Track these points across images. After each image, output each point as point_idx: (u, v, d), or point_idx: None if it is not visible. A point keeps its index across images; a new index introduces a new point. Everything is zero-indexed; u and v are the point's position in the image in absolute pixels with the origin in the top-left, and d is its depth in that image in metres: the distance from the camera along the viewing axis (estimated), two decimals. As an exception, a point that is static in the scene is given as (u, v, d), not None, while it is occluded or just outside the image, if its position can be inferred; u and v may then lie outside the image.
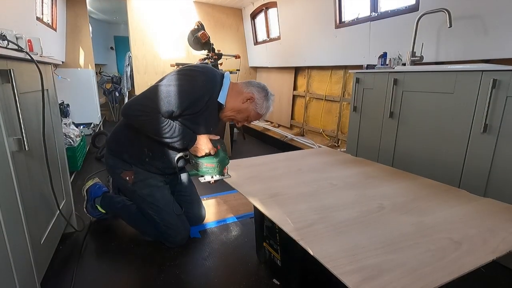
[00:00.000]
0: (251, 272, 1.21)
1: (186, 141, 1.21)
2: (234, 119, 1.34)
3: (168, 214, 1.33)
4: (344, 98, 2.74)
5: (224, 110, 1.31)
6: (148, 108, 1.14)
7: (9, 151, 0.80)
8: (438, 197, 1.02)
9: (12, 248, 0.77)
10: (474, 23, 1.56)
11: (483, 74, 1.21)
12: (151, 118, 1.14)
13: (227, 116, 1.32)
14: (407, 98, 1.56)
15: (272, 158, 1.51)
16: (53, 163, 1.20)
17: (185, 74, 1.20)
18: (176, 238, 1.34)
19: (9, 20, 2.03)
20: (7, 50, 0.85)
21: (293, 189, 1.07)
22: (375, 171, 1.31)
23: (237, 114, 1.31)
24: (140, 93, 1.22)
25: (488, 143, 1.21)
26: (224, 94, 1.27)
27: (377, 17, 2.20)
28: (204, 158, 1.23)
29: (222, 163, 1.23)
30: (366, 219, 0.87)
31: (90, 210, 1.56)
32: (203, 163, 1.22)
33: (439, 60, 1.79)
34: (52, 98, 1.26)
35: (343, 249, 0.71)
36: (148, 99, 1.16)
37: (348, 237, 0.77)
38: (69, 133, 2.29)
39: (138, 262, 1.26)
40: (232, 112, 1.31)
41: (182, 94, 1.16)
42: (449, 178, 1.34)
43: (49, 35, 3.05)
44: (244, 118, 1.33)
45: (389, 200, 1.00)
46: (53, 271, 1.16)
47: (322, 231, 0.80)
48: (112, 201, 1.52)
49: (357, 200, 1.01)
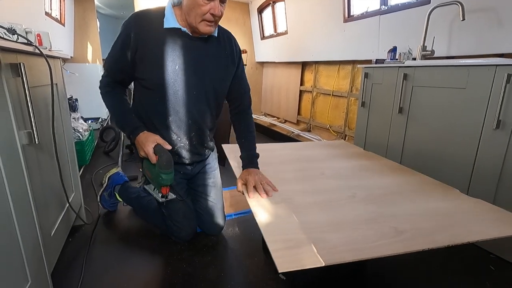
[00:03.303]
0: (257, 267, 1.21)
1: (122, 127, 1.17)
2: (202, 15, 1.01)
3: (174, 212, 1.29)
4: (352, 93, 2.71)
5: (191, 25, 1.06)
6: (103, 79, 1.16)
7: (20, 144, 0.81)
8: (422, 193, 1.04)
9: (23, 240, 0.79)
10: (488, 15, 1.52)
11: (497, 69, 1.17)
12: (105, 91, 1.16)
13: (196, 23, 1.04)
14: (417, 94, 1.53)
15: (275, 146, 1.56)
16: (62, 157, 1.21)
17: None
18: (180, 234, 1.32)
19: (19, 14, 2.05)
20: (17, 44, 0.85)
21: (283, 174, 1.15)
22: (374, 165, 1.31)
23: (194, 10, 1.01)
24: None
25: (501, 140, 1.18)
26: (168, 18, 1.07)
27: (387, 10, 2.16)
28: (146, 161, 1.07)
29: (155, 179, 1.05)
30: (331, 204, 0.94)
31: (104, 198, 1.60)
32: (144, 166, 1.07)
33: (451, 55, 1.75)
34: (61, 93, 1.27)
35: (289, 226, 0.80)
36: (104, 69, 1.17)
37: (302, 217, 0.85)
38: (77, 127, 2.32)
39: (145, 255, 1.28)
40: (191, 17, 1.03)
41: (115, 49, 1.10)
42: (459, 176, 1.32)
43: (58, 30, 3.08)
44: (199, 1, 0.99)
45: (365, 191, 1.04)
46: (63, 263, 1.18)
47: (281, 209, 0.90)
48: (128, 190, 1.55)
49: (336, 188, 1.07)
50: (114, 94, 1.17)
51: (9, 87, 0.77)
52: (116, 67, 1.13)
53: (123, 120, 1.16)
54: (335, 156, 1.46)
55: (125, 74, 1.15)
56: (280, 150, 1.51)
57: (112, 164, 2.41)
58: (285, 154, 1.47)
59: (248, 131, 1.26)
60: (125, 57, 1.09)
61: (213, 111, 1.26)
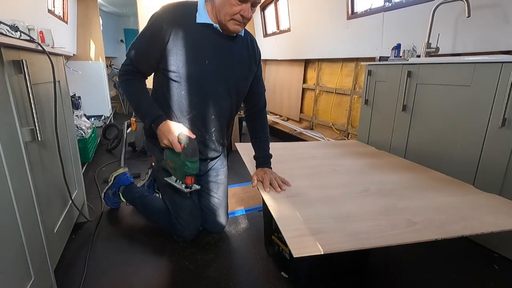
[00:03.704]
0: (260, 265, 1.21)
1: (143, 115, 1.12)
2: (232, 14, 1.03)
3: (181, 209, 1.28)
4: (355, 91, 2.69)
5: (220, 23, 1.08)
6: (124, 67, 1.13)
7: (23, 141, 0.81)
8: (435, 188, 1.04)
9: (27, 237, 0.79)
10: (494, 12, 1.50)
11: (503, 66, 1.16)
12: (125, 79, 1.13)
13: (225, 21, 1.05)
14: (421, 91, 1.52)
15: (286, 145, 1.57)
16: (65, 154, 1.22)
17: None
18: (183, 233, 1.31)
19: (22, 11, 2.06)
20: (20, 41, 0.85)
21: (297, 171, 1.17)
22: (387, 163, 1.33)
23: (225, 8, 1.02)
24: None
25: (507, 138, 1.16)
26: (200, 13, 1.09)
27: (391, 7, 2.14)
28: (169, 151, 1.06)
29: (180, 168, 1.04)
30: (344, 197, 0.95)
31: (108, 196, 1.60)
32: (165, 156, 1.05)
33: (455, 52, 1.73)
34: (63, 90, 1.27)
35: (303, 216, 0.83)
36: (127, 57, 1.13)
37: (316, 209, 0.87)
38: (80, 125, 2.33)
39: (148, 253, 1.28)
40: (222, 15, 1.04)
41: (142, 38, 1.09)
42: (463, 174, 1.31)
43: (61, 27, 3.08)
44: (232, 2, 1.00)
45: (378, 186, 1.05)
46: (66, 260, 1.19)
47: (295, 202, 0.93)
48: (132, 191, 1.55)
49: (349, 183, 1.08)
50: (135, 82, 1.15)
51: (12, 84, 0.77)
52: (142, 57, 1.11)
53: (144, 108, 1.14)
54: (347, 154, 1.48)
55: (150, 65, 1.13)
56: (291, 150, 1.53)
57: (115, 162, 2.41)
58: (297, 154, 1.49)
59: (263, 132, 1.28)
60: (154, 48, 1.08)
61: (233, 109, 1.29)
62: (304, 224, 0.78)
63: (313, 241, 0.70)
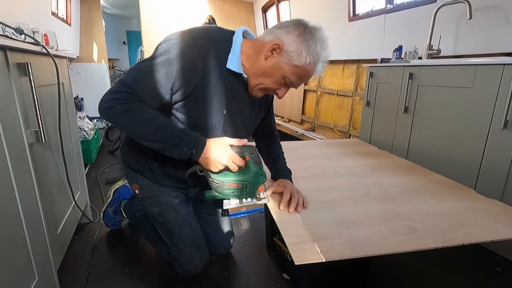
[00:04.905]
0: (261, 267, 1.21)
1: (181, 147, 0.80)
2: (267, 88, 0.88)
3: (180, 240, 1.06)
4: (357, 93, 2.69)
5: (249, 80, 0.89)
6: (122, 94, 0.76)
7: (27, 142, 0.82)
8: (437, 192, 1.03)
9: (30, 238, 0.80)
10: (496, 14, 1.50)
11: (504, 68, 1.16)
12: (130, 108, 0.77)
13: (256, 86, 0.88)
14: (422, 93, 1.52)
15: (288, 144, 1.58)
16: (68, 156, 1.22)
17: (163, 41, 0.83)
18: (188, 267, 1.08)
19: (26, 14, 2.08)
20: (24, 44, 0.86)
21: (298, 172, 1.14)
22: (388, 164, 1.32)
23: (266, 79, 0.86)
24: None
25: (509, 140, 1.16)
26: (235, 56, 0.86)
27: (393, 9, 2.14)
28: (223, 174, 0.83)
29: (253, 181, 0.84)
30: (344, 201, 0.95)
31: (108, 215, 1.40)
32: (223, 182, 0.83)
33: (457, 54, 1.73)
34: (67, 92, 1.28)
35: (304, 222, 0.82)
36: (123, 84, 0.78)
37: (317, 214, 0.86)
38: (83, 126, 2.34)
39: (150, 253, 1.28)
40: (258, 79, 0.87)
41: (157, 67, 0.79)
42: (465, 177, 1.30)
43: (64, 29, 3.11)
44: (278, 81, 0.86)
45: (379, 190, 1.03)
46: (69, 260, 1.19)
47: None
48: (133, 207, 1.33)
49: (350, 186, 1.07)
50: (146, 109, 0.80)
51: (17, 86, 0.78)
52: (154, 91, 0.80)
53: (175, 134, 0.82)
54: (348, 154, 1.47)
55: (159, 102, 0.82)
56: (292, 149, 1.51)
57: (117, 163, 2.42)
58: (298, 153, 1.48)
59: (279, 150, 1.16)
60: (175, 85, 0.81)
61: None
62: (305, 229, 0.77)
63: (314, 248, 0.69)
